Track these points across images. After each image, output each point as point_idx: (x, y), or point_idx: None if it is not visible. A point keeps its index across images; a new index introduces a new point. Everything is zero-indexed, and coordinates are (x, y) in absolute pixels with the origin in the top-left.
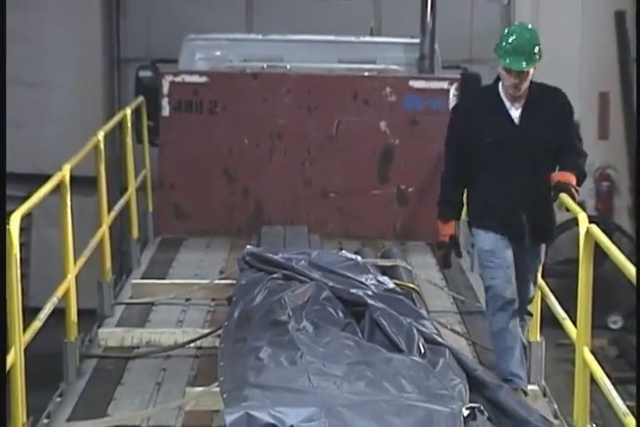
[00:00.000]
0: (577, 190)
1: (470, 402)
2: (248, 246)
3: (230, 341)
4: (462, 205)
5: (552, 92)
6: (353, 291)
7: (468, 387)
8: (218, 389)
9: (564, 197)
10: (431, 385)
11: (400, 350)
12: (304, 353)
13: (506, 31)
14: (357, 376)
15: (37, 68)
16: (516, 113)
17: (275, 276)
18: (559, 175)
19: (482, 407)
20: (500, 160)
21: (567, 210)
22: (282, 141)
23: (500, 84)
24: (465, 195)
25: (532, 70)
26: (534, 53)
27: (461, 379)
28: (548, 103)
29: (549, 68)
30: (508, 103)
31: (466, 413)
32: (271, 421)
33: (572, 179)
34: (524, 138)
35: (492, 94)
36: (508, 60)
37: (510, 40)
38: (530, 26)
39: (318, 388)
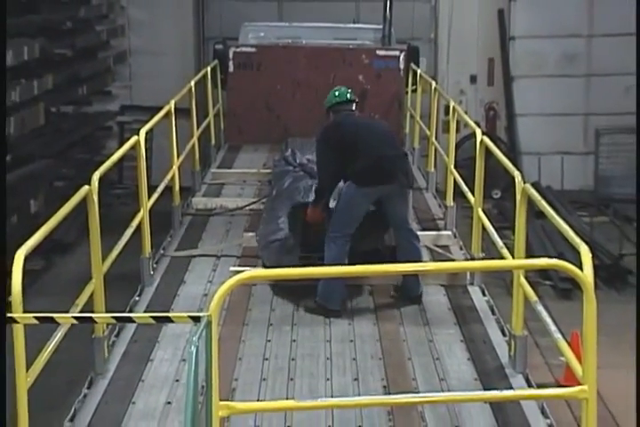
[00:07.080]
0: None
1: None
2: (281, 150)
3: (267, 210)
4: None
5: None
6: None
7: None
8: None
9: None
10: None
11: None
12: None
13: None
14: None
15: (156, 44)
16: None
17: (296, 170)
18: None
19: None
20: None
21: None
22: (300, 87)
23: None
24: None
25: None
26: None
27: None
28: None
29: (459, 42)
30: None
31: None
32: None
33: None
34: None
35: None
36: None
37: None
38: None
39: None
